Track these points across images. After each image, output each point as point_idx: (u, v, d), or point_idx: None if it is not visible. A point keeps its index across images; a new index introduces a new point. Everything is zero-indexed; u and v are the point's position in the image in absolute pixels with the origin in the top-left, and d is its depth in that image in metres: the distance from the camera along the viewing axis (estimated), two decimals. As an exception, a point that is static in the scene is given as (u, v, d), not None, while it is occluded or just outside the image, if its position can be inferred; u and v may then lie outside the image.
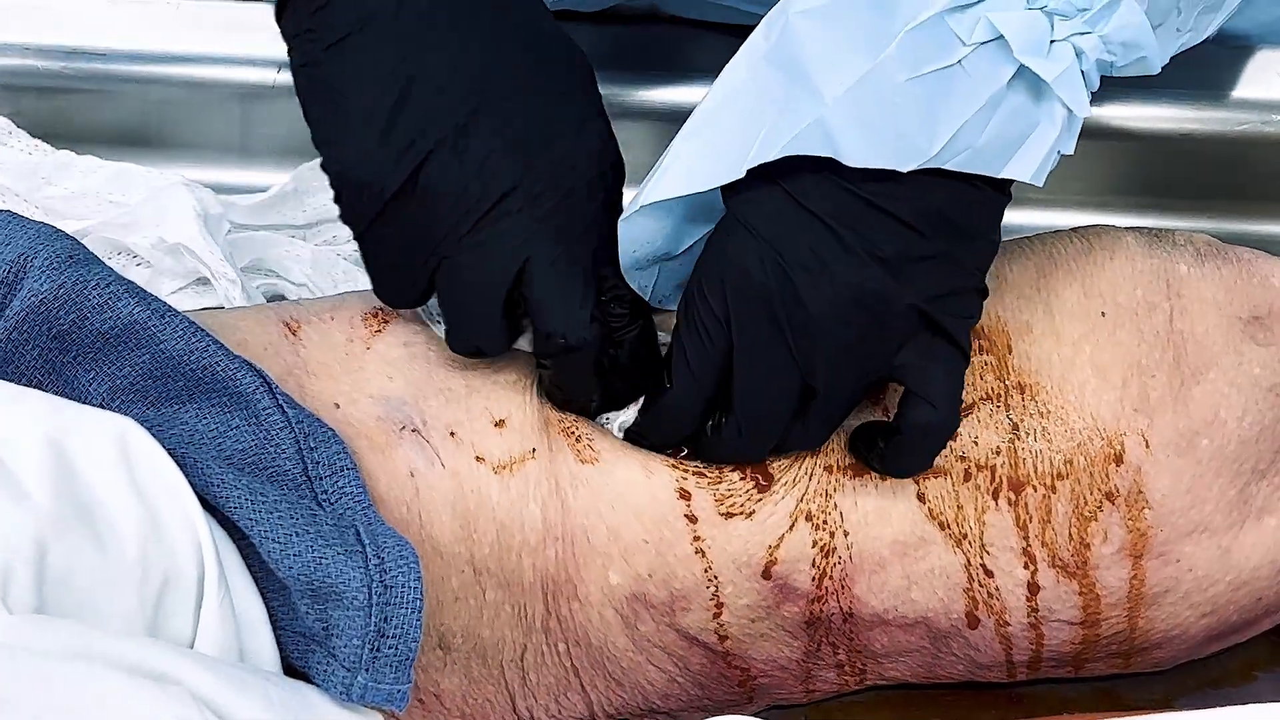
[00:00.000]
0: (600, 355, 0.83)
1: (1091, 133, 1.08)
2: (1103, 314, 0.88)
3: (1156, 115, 1.10)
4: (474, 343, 0.84)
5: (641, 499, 0.84)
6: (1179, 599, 0.88)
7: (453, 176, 0.80)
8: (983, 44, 0.78)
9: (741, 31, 1.07)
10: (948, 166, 0.78)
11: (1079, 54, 0.79)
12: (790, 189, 0.79)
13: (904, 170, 0.78)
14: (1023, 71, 0.78)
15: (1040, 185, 0.80)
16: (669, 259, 0.85)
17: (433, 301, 0.85)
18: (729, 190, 0.81)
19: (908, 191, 0.79)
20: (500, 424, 0.85)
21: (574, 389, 0.85)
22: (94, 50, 1.09)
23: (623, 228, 0.82)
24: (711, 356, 0.81)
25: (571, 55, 0.84)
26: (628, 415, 0.86)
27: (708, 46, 1.11)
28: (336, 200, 0.83)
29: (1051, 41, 0.79)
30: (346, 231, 1.07)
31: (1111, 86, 1.06)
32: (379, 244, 0.83)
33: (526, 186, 0.81)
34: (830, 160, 0.78)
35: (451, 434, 0.84)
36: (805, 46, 0.79)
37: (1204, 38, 0.88)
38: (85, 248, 0.80)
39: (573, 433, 0.85)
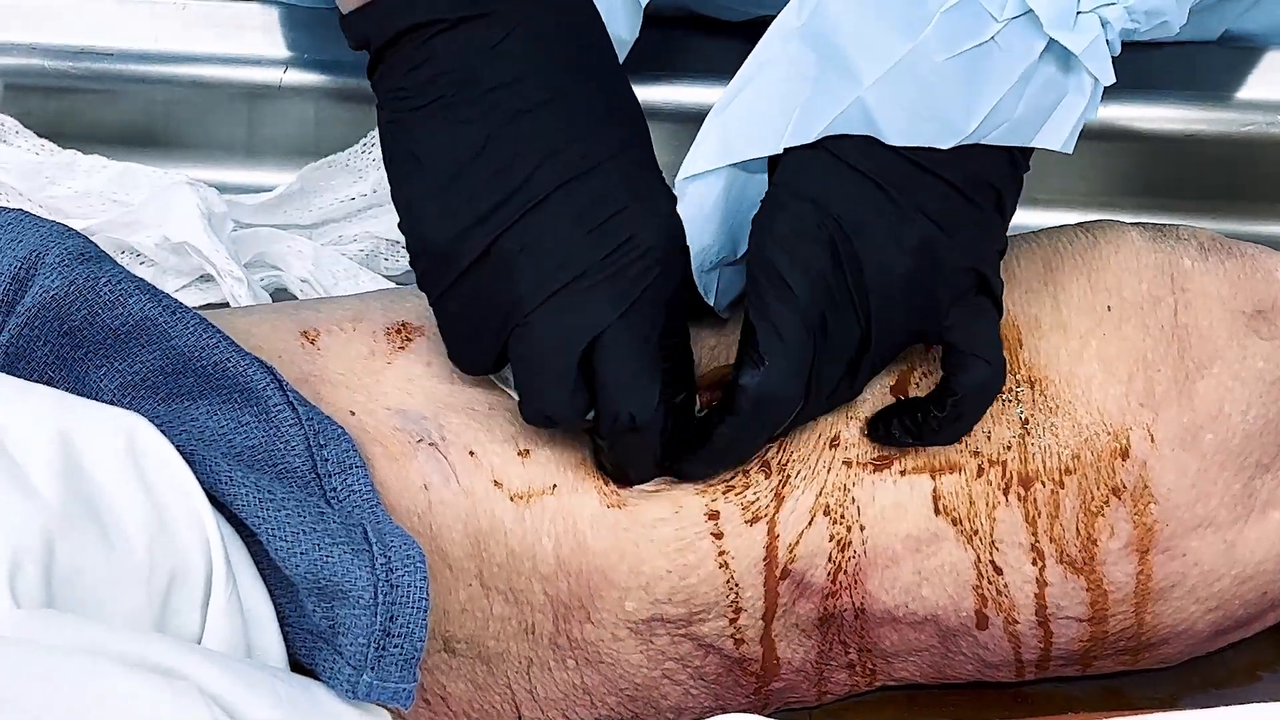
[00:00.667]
0: (663, 434, 0.83)
1: (1098, 133, 1.09)
2: (1108, 308, 0.88)
3: (1162, 116, 1.11)
4: (546, 411, 0.82)
5: (668, 534, 0.84)
6: (1185, 594, 0.88)
7: (529, 252, 0.80)
8: (1014, 19, 0.79)
9: (749, 31, 1.07)
10: (985, 141, 0.80)
11: (1104, 24, 0.81)
12: (838, 153, 0.80)
13: (944, 148, 0.80)
14: (1051, 44, 0.80)
15: (1070, 153, 0.82)
16: (731, 263, 0.85)
17: (507, 369, 0.84)
18: (771, 165, 0.82)
19: (951, 159, 0.80)
20: (524, 453, 0.84)
21: (632, 466, 0.84)
22: (101, 50, 1.10)
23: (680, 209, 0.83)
24: (799, 320, 0.80)
25: (641, 118, 0.84)
26: None
27: (717, 48, 1.11)
28: (412, 264, 0.83)
29: (1078, 13, 0.80)
30: (352, 231, 1.08)
31: (1117, 88, 1.07)
32: (453, 309, 0.83)
33: (601, 265, 0.80)
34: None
35: (471, 453, 0.83)
36: (838, 24, 0.80)
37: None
38: (96, 245, 0.80)
39: (602, 475, 0.85)
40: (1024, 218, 1.10)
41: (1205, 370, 0.88)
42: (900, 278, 0.80)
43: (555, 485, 0.84)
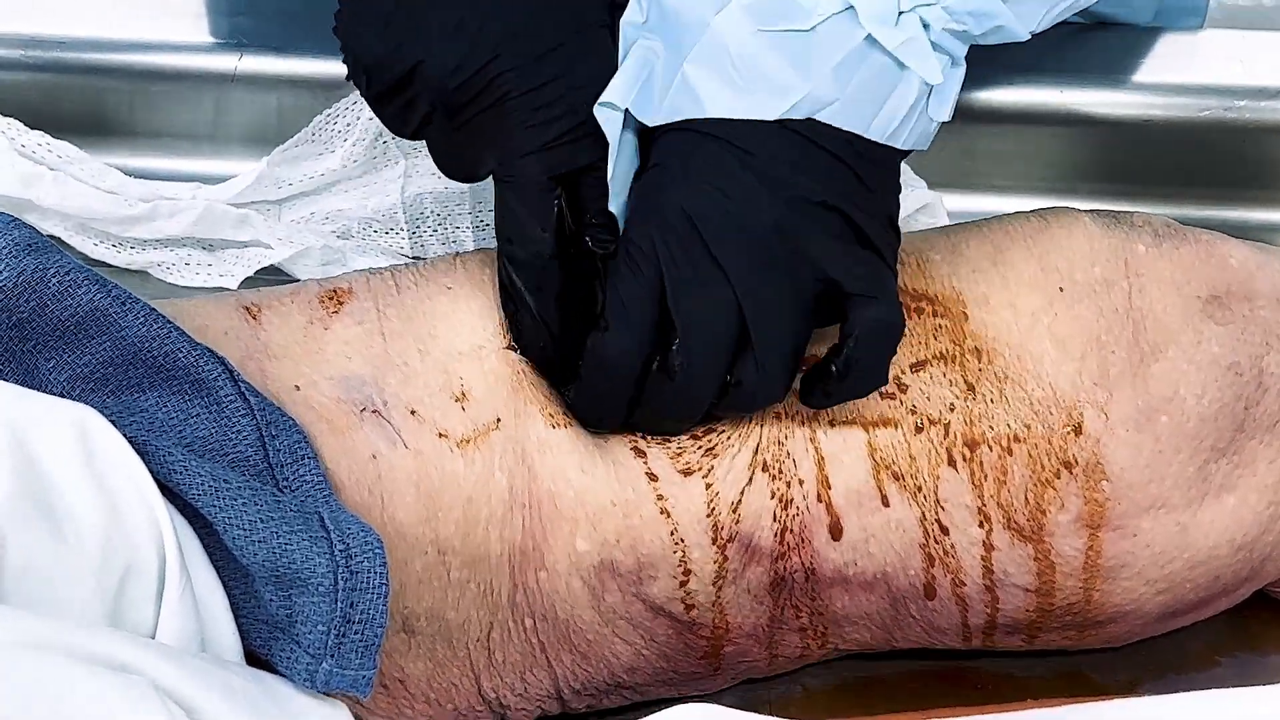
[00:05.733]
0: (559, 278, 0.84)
1: (1054, 118, 1.09)
2: (1060, 289, 0.88)
3: (1118, 101, 1.11)
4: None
5: (605, 461, 0.85)
6: (1135, 574, 0.89)
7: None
8: (835, 14, 0.82)
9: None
10: (818, 118, 0.82)
11: (926, 25, 0.82)
12: (692, 126, 0.83)
13: (770, 119, 0.82)
14: (874, 39, 0.82)
15: (902, 148, 0.83)
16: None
17: None
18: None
19: (798, 126, 0.82)
20: (461, 397, 0.85)
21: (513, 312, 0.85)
22: (53, 38, 1.09)
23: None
24: (642, 289, 0.82)
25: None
26: None
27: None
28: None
29: (900, 13, 0.82)
30: (323, 208, 1.09)
31: (1071, 74, 1.07)
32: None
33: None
34: None
35: (412, 412, 0.84)
36: (670, 12, 0.84)
37: (1089, 2, 0.90)
38: (44, 236, 0.80)
39: (544, 396, 0.85)
40: (980, 203, 1.11)
41: (1160, 354, 0.88)
42: (757, 223, 0.81)
43: (499, 419, 0.84)
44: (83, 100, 1.10)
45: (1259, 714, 0.75)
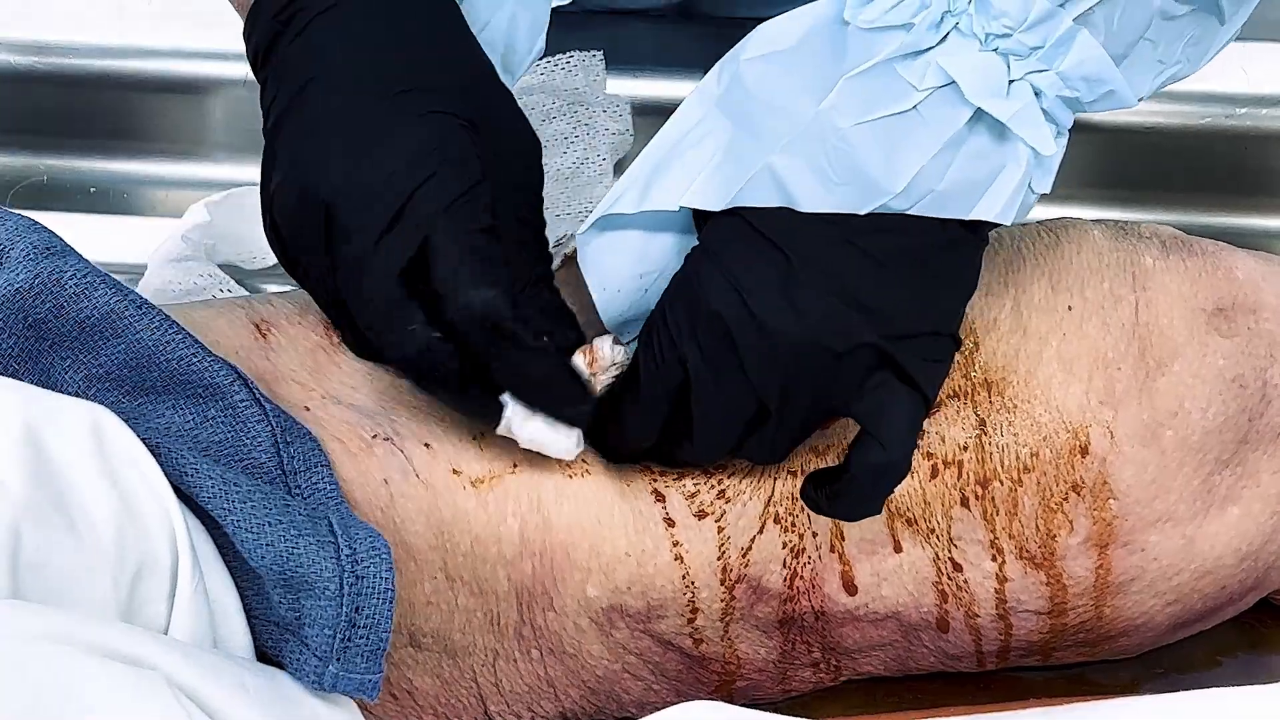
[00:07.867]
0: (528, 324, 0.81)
1: (1057, 125, 1.09)
2: (1070, 308, 0.88)
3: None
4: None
5: (626, 512, 0.84)
6: (1144, 588, 0.89)
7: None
8: (937, 89, 0.77)
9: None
10: (911, 212, 0.78)
11: (1038, 93, 0.79)
12: (752, 219, 0.79)
13: (862, 213, 0.78)
14: (982, 114, 0.78)
15: (1008, 224, 0.80)
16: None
17: None
18: (699, 221, 0.81)
19: (870, 227, 0.78)
20: (479, 438, 0.84)
21: (518, 382, 0.82)
22: (66, 45, 1.09)
23: (581, 242, 0.82)
24: (667, 377, 0.81)
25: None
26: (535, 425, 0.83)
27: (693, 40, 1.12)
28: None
29: (1010, 82, 0.78)
30: None
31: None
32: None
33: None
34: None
35: (426, 445, 0.84)
36: (755, 90, 0.79)
37: (1200, 67, 0.86)
38: (62, 240, 0.80)
39: None
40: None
41: (1166, 368, 0.88)
42: (794, 349, 0.78)
43: (516, 465, 0.84)
44: (91, 107, 1.10)
45: (1260, 713, 0.75)
